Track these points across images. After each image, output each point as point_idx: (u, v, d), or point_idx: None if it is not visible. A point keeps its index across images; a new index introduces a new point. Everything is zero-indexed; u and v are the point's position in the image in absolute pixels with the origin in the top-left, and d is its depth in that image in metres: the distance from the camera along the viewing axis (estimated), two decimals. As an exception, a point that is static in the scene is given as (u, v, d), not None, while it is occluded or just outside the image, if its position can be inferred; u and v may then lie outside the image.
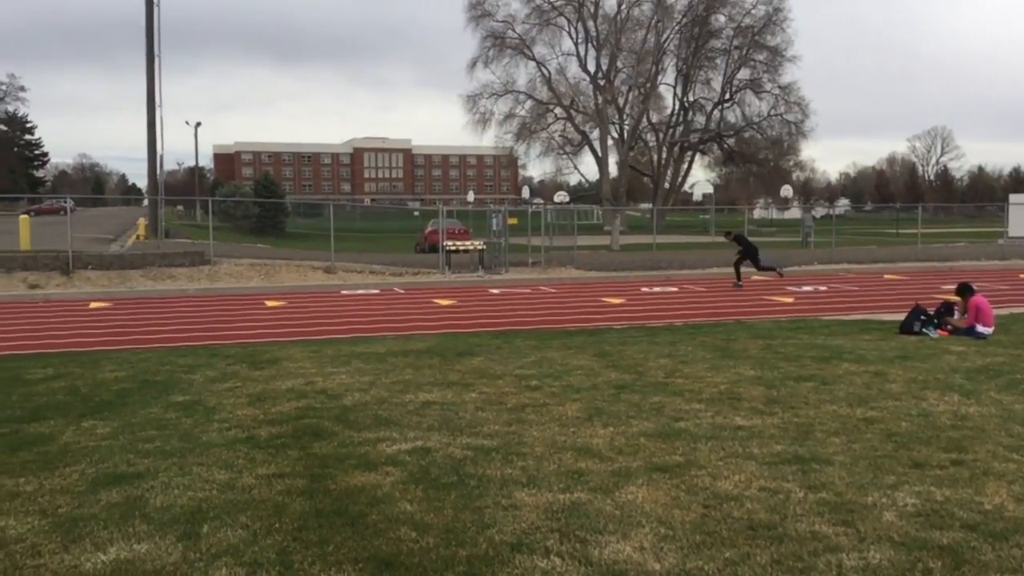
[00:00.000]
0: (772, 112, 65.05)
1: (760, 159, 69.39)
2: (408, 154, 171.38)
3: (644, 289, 21.51)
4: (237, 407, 7.95)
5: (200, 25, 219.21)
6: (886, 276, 25.42)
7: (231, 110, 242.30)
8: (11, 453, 6.41)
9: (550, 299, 19.45)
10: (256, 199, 55.14)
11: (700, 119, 68.25)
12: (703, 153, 70.94)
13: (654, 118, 67.88)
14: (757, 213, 79.04)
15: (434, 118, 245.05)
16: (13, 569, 4.24)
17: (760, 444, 6.49)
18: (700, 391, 8.43)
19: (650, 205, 67.52)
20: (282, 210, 59.48)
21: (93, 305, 18.27)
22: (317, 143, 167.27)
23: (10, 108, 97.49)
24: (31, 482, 5.68)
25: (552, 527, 4.76)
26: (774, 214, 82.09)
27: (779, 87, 64.07)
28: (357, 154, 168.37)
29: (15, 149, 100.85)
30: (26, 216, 28.88)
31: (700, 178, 72.02)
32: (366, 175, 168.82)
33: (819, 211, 68.79)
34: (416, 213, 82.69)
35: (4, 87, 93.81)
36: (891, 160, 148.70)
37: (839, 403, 7.88)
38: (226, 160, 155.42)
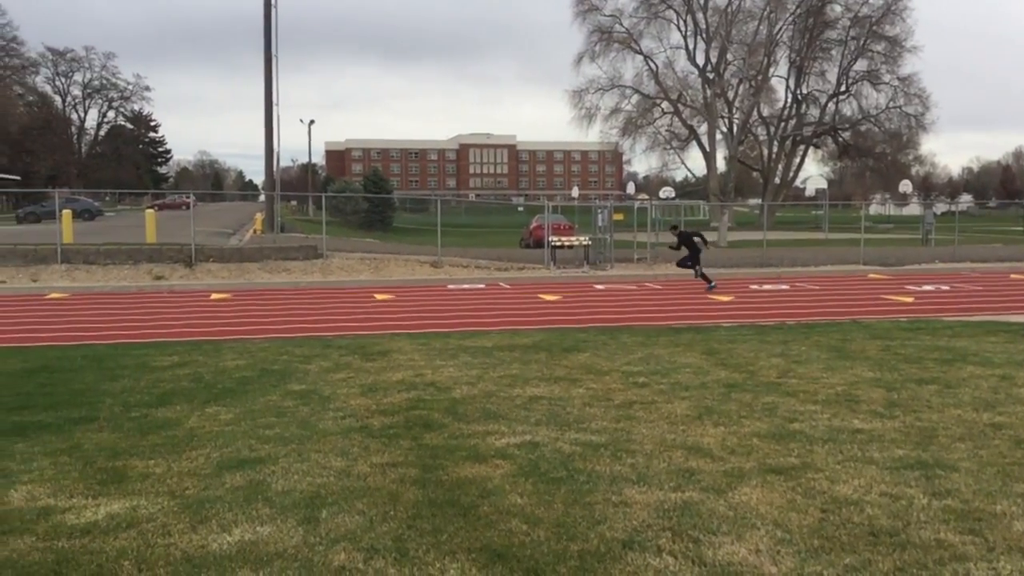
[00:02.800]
0: (891, 104, 62.50)
1: (877, 153, 66.79)
2: (513, 150, 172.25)
3: (754, 287, 21.03)
4: (351, 397, 8.17)
5: (313, 25, 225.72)
6: (1012, 276, 24.12)
7: (342, 108, 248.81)
8: (141, 436, 6.75)
9: (656, 295, 19.23)
10: (365, 195, 56.47)
11: (814, 112, 66.15)
12: (816, 147, 68.71)
13: (765, 111, 66.17)
14: (874, 209, 76.25)
15: (539, 114, 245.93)
16: (145, 548, 4.46)
17: (880, 448, 6.27)
18: (815, 392, 8.20)
19: (759, 201, 65.93)
20: (390, 205, 60.74)
21: (214, 296, 19.03)
22: (424, 139, 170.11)
23: (136, 107, 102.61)
24: (160, 464, 5.97)
25: (664, 526, 4.72)
26: (891, 210, 79.01)
27: (898, 78, 61.49)
28: (463, 150, 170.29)
29: (140, 146, 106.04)
30: (152, 211, 30.33)
31: (813, 173, 69.87)
32: (471, 171, 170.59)
33: (940, 207, 65.89)
34: (520, 209, 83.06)
35: (131, 87, 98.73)
36: (1018, 154, 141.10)
37: (964, 407, 7.54)
38: (337, 157, 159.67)
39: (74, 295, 19.23)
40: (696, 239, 20.52)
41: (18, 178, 77.94)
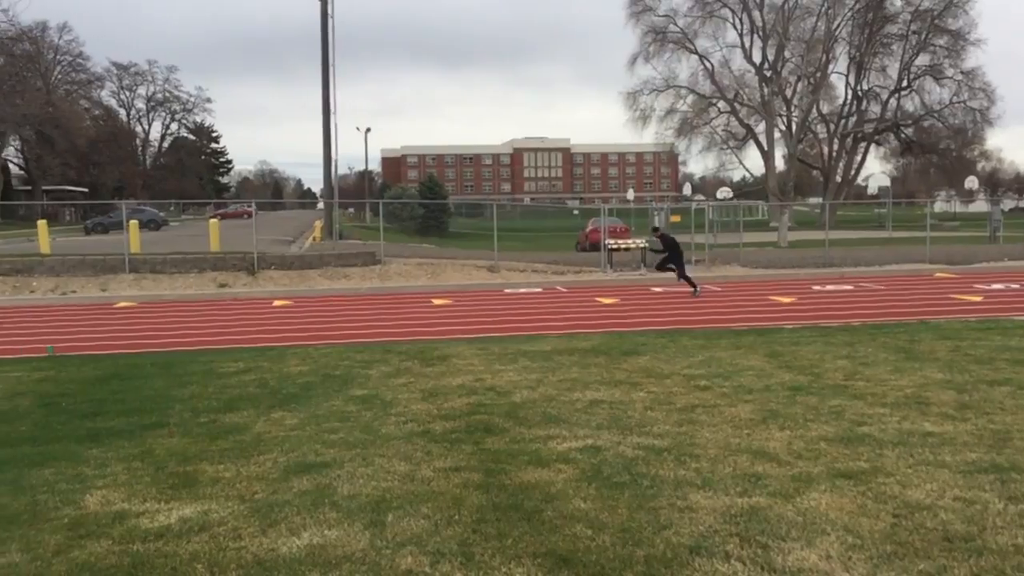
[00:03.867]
0: (954, 99, 60.96)
1: (941, 149, 65.20)
2: (567, 153, 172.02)
3: (816, 287, 20.68)
4: (412, 402, 8.23)
5: (368, 34, 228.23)
6: (1089, 273, 23.32)
7: (397, 115, 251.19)
8: (210, 441, 6.89)
9: (715, 298, 19.03)
10: (421, 200, 56.93)
11: (875, 108, 64.85)
12: (878, 144, 67.35)
13: (825, 109, 65.08)
14: (938, 206, 74.33)
15: (593, 116, 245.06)
16: (217, 551, 4.55)
17: (953, 452, 6.11)
18: (884, 395, 8.02)
19: (820, 200, 64.84)
20: (445, 211, 61.12)
21: (276, 303, 19.37)
22: (478, 144, 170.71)
23: (198, 119, 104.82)
24: (229, 469, 6.09)
25: (731, 531, 4.66)
26: (957, 207, 76.98)
27: (962, 72, 59.95)
28: (517, 154, 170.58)
29: (203, 157, 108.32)
30: (215, 220, 30.99)
31: (875, 170, 68.48)
32: (525, 175, 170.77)
33: (1008, 203, 63.96)
34: (575, 212, 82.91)
35: (192, 99, 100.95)
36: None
37: (1041, 410, 7.30)
38: (393, 163, 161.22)
39: (142, 303, 19.74)
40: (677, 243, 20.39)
41: (86, 190, 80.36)
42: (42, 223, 28.38)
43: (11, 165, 79.08)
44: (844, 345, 11.12)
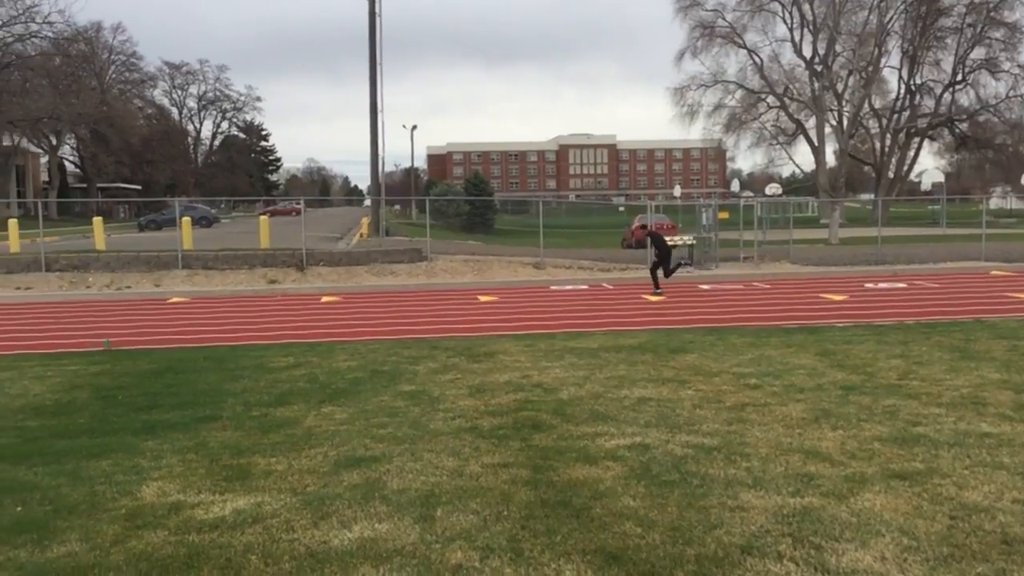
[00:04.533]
0: (1011, 93, 59.43)
1: (997, 144, 63.61)
2: (613, 149, 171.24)
3: (868, 285, 20.32)
4: (459, 398, 8.27)
5: (415, 32, 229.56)
6: None
7: (443, 112, 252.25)
8: (262, 435, 6.99)
9: (764, 295, 18.80)
10: (467, 197, 57.11)
11: (928, 103, 63.49)
12: (932, 139, 65.96)
13: (877, 103, 63.91)
14: (994, 203, 72.56)
15: (639, 112, 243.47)
16: (271, 543, 4.62)
17: (1011, 453, 5.97)
18: (939, 395, 7.86)
19: (871, 196, 63.69)
20: (491, 208, 61.26)
21: (324, 299, 19.57)
22: (523, 141, 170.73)
23: (248, 117, 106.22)
24: (281, 462, 6.17)
25: (783, 531, 4.61)
26: (1013, 204, 75.02)
27: (1019, 66, 58.40)
28: (562, 151, 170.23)
29: (252, 155, 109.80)
30: (265, 217, 31.39)
31: (928, 166, 67.23)
32: (571, 171, 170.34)
33: (1068, 199, 62.12)
34: (621, 209, 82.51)
35: (242, 98, 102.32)
36: None
37: (1104, 412, 7.10)
38: (438, 160, 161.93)
39: (194, 299, 20.09)
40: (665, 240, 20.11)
41: (139, 188, 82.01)
42: (97, 220, 29.00)
43: (67, 163, 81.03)
44: (897, 344, 10.92)
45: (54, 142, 73.02)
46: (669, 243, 25.32)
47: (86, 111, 62.38)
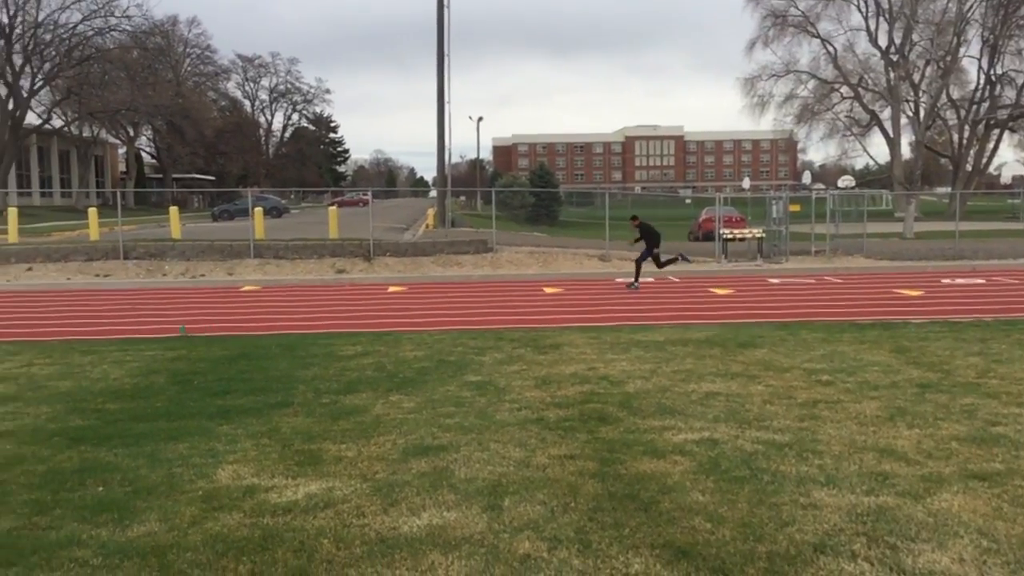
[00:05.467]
0: (1097, 83, 57.08)
1: (1084, 135, 61.18)
2: (680, 141, 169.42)
3: (945, 281, 19.75)
4: (525, 389, 8.28)
5: (482, 23, 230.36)
6: None
7: (509, 104, 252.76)
8: (332, 422, 7.11)
9: (836, 290, 18.40)
10: (532, 189, 57.11)
11: (1010, 93, 61.24)
12: (1012, 131, 63.62)
13: (955, 94, 61.89)
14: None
15: (707, 104, 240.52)
16: (342, 527, 4.70)
17: (1100, 457, 5.74)
18: (1020, 394, 7.61)
19: (948, 189, 61.80)
20: (556, 199, 61.14)
21: (391, 289, 19.80)
22: (589, 133, 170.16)
23: (317, 109, 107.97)
24: (351, 449, 6.27)
25: (857, 530, 4.51)
26: (1101, 198, 71.98)
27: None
28: (628, 143, 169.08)
29: (321, 147, 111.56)
30: (334, 208, 31.87)
31: (1008, 159, 64.81)
32: (637, 163, 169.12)
33: None
34: (688, 201, 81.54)
35: (312, 91, 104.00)
36: None
37: None
38: (504, 152, 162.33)
39: (265, 287, 20.51)
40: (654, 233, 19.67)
41: (213, 178, 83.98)
42: (173, 210, 29.79)
43: (144, 154, 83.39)
44: (976, 341, 10.59)
45: (132, 133, 75.25)
46: (737, 236, 24.98)
47: (162, 103, 64.04)
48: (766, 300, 16.53)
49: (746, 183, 63.80)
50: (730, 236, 25.29)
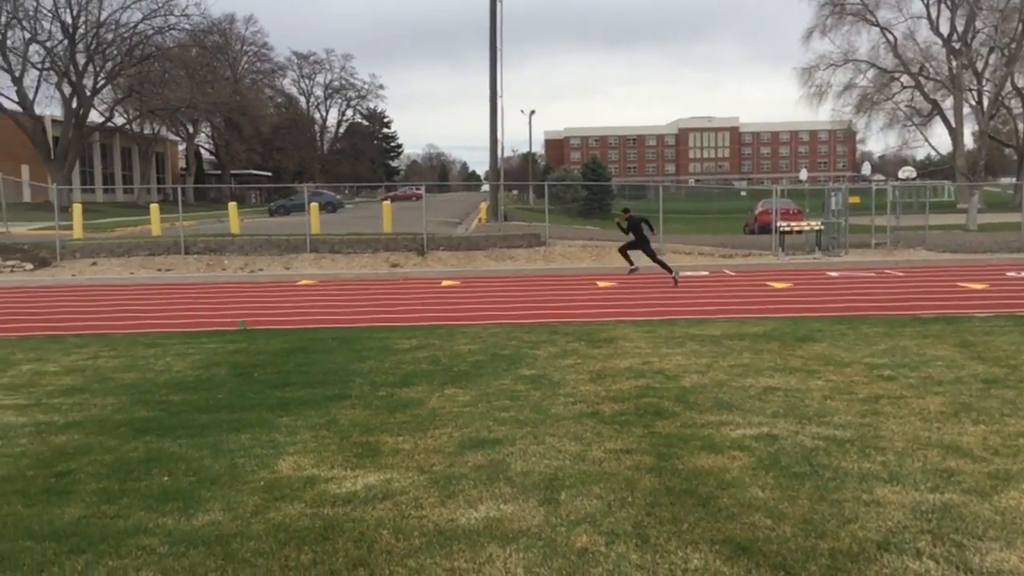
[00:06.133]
0: None
1: None
2: (735, 132, 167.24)
3: (1011, 274, 19.20)
4: (580, 383, 8.27)
5: (534, 16, 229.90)
6: None
7: (561, 97, 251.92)
8: (389, 414, 7.18)
9: (898, 283, 18.02)
10: (584, 182, 56.91)
11: (1079, 81, 59.26)
12: (1081, 119, 61.56)
13: (1020, 82, 60.02)
14: None
15: (763, 94, 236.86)
16: (400, 518, 4.75)
17: None
18: (1092, 391, 7.37)
19: (1013, 179, 60.02)
20: (608, 193, 60.83)
21: (444, 283, 19.91)
22: (642, 125, 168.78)
23: (371, 105, 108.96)
24: (408, 441, 6.33)
25: (922, 528, 4.42)
26: None
27: None
28: (682, 135, 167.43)
29: (375, 142, 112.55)
30: (388, 202, 32.14)
31: (1077, 148, 62.57)
32: (691, 155, 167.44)
33: None
34: (743, 193, 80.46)
35: (366, 86, 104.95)
36: None
37: None
38: (556, 145, 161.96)
39: (321, 281, 20.78)
40: (644, 224, 19.64)
41: (269, 174, 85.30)
42: (232, 205, 30.33)
43: (203, 151, 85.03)
44: (1045, 336, 10.28)
45: (191, 130, 76.78)
46: (795, 228, 24.59)
47: (221, 100, 65.22)
48: (825, 294, 16.26)
49: (803, 175, 62.55)
50: (787, 229, 24.90)
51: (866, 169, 58.18)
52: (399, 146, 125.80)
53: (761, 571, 3.98)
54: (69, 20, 53.02)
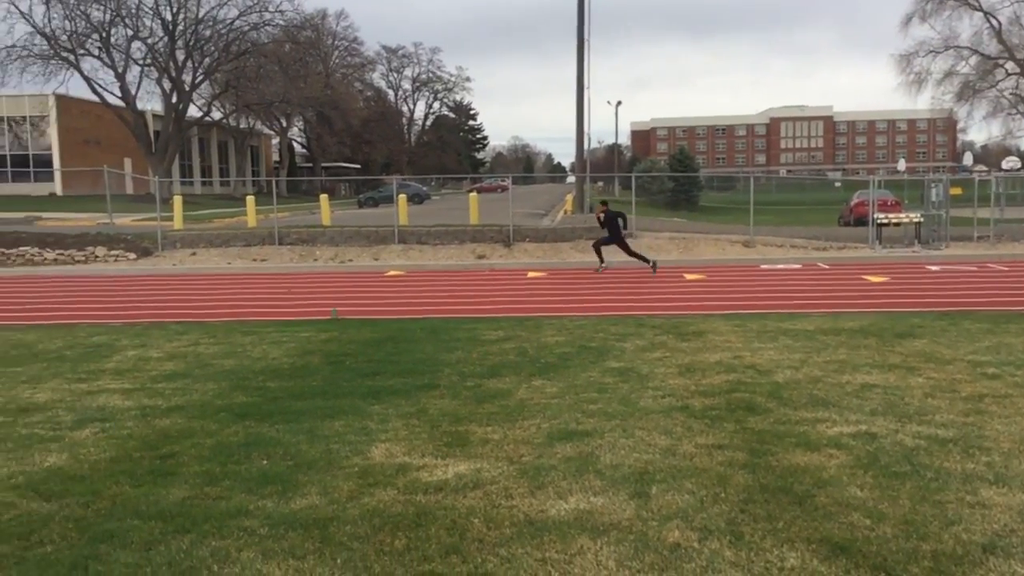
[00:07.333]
0: None
1: None
2: (828, 122, 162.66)
3: (1126, 269, 18.22)
4: (668, 376, 8.18)
5: (620, 6, 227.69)
6: None
7: (647, 87, 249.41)
8: (477, 404, 7.24)
9: (1002, 277, 17.28)
10: (672, 174, 56.20)
11: None
12: None
13: None
14: None
15: (858, 83, 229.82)
16: (491, 508, 4.79)
17: None
18: None
19: None
20: (696, 184, 59.94)
21: (530, 274, 19.95)
22: (731, 115, 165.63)
23: (458, 98, 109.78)
24: (496, 431, 6.37)
25: (1032, 533, 4.24)
26: None
27: None
28: (773, 124, 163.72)
29: (461, 134, 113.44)
30: (474, 194, 32.36)
31: None
32: (782, 145, 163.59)
33: None
34: (837, 184, 78.26)
35: (453, 79, 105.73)
36: None
37: None
38: (642, 136, 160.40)
39: (408, 272, 21.08)
40: (620, 220, 19.29)
41: (359, 166, 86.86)
42: (324, 198, 31.01)
43: (295, 144, 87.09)
44: None
45: (284, 124, 78.66)
46: (893, 221, 23.81)
47: (313, 95, 66.60)
48: (925, 288, 15.71)
49: (901, 165, 60.56)
50: (885, 221, 24.11)
51: (968, 159, 55.98)
52: (485, 138, 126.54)
53: (860, 572, 3.88)
54: (169, 17, 54.92)
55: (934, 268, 19.46)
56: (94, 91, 53.08)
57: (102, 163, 34.33)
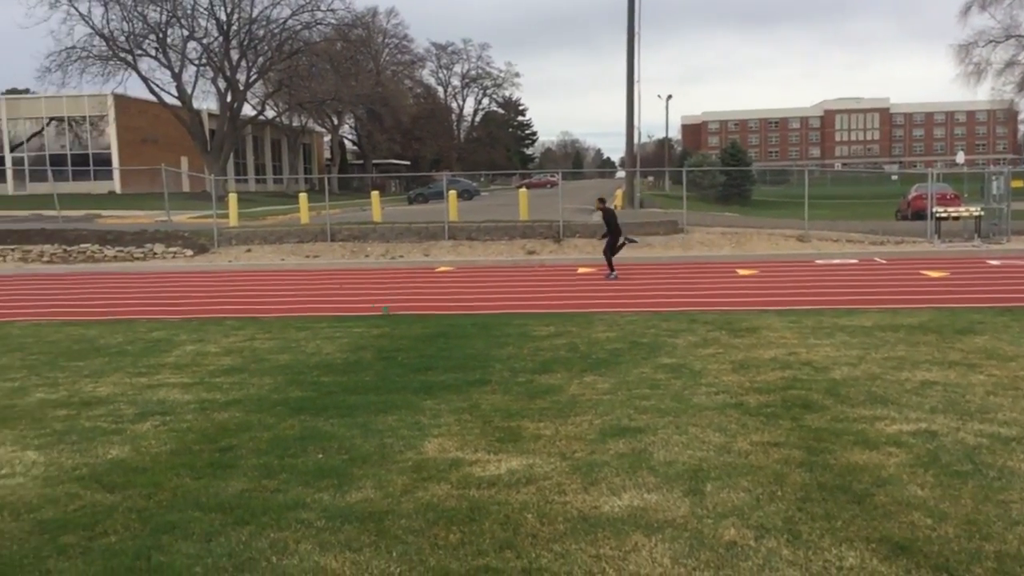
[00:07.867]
0: None
1: None
2: (885, 114, 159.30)
3: None
4: (722, 373, 8.10)
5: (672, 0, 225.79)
6: None
7: (698, 81, 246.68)
8: (529, 400, 7.25)
9: (1067, 273, 16.78)
10: (724, 168, 55.59)
11: None
12: None
13: None
14: None
15: (915, 74, 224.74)
16: (544, 503, 4.79)
17: None
18: None
19: None
20: (748, 178, 59.21)
21: (581, 270, 19.90)
22: (784, 108, 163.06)
23: (506, 93, 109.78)
24: (548, 427, 6.37)
25: (1103, 536, 4.11)
26: None
27: None
28: (827, 117, 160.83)
29: (510, 129, 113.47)
30: (524, 189, 32.37)
31: None
32: (837, 138, 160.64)
33: None
34: (894, 177, 76.62)
35: (502, 75, 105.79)
36: None
37: None
38: (693, 130, 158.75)
39: (458, 268, 21.17)
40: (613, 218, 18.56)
41: (408, 163, 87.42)
42: (375, 194, 31.27)
43: (346, 141, 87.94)
44: None
45: (336, 122, 79.45)
46: (952, 214, 23.27)
47: (363, 92, 67.14)
48: (986, 283, 15.32)
49: (960, 158, 58.96)
50: (944, 215, 23.56)
51: (1031, 151, 54.33)
52: (534, 133, 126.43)
53: (921, 572, 3.81)
54: (223, 17, 55.79)
55: (995, 263, 18.96)
56: (151, 91, 54.17)
57: (159, 162, 35.07)
